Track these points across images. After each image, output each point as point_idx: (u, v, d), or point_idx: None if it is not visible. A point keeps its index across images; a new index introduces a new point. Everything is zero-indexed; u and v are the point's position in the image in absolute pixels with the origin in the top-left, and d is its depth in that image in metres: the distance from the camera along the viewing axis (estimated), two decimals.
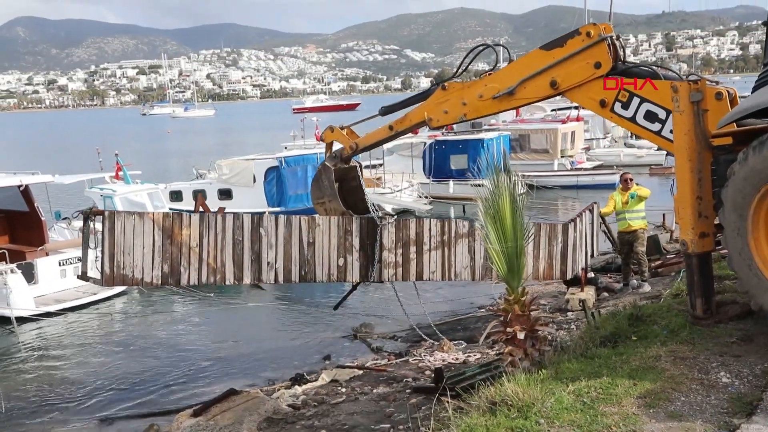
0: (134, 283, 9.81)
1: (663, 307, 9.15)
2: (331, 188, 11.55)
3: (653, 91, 8.45)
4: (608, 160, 37.76)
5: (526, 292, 7.63)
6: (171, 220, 9.73)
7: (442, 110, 10.43)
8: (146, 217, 9.62)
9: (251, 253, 10.07)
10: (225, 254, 9.93)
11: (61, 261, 18.54)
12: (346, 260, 10.71)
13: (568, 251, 12.97)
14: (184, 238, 9.69)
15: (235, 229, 9.98)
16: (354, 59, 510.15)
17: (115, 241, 9.51)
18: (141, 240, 9.52)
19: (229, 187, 25.89)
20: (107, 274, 9.57)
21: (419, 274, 11.30)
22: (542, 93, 9.50)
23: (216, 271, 9.90)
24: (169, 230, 9.63)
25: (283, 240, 10.27)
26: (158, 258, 9.60)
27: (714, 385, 6.15)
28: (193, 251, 9.75)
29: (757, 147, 6.85)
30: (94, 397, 12.38)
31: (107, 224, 9.48)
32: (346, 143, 11.82)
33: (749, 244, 7.07)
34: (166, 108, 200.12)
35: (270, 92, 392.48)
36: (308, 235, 10.47)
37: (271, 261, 10.18)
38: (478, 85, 10.04)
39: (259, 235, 10.10)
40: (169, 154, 68.04)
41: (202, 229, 9.81)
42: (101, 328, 16.60)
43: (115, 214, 9.70)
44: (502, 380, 6.49)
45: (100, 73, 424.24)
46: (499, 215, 7.30)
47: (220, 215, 10.10)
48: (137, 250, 9.52)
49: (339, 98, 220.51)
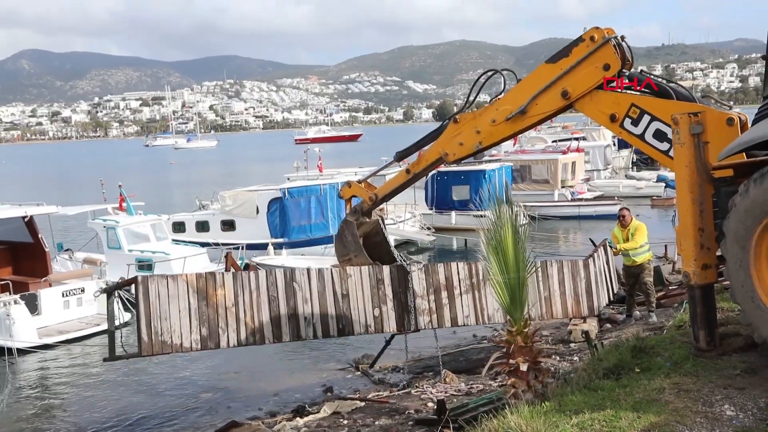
0: (174, 350, 9.43)
1: (666, 339, 9.12)
2: (355, 243, 11.47)
3: (664, 110, 8.48)
4: (608, 191, 37.87)
5: (528, 324, 7.64)
6: (204, 281, 9.41)
7: (456, 143, 10.45)
8: (179, 279, 9.33)
9: (287, 309, 9.80)
10: (262, 313, 9.65)
11: (65, 292, 18.56)
12: (381, 310, 10.57)
13: (592, 287, 13.00)
14: (220, 299, 9.40)
15: (269, 286, 9.71)
16: (356, 90, 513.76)
17: (150, 306, 9.13)
18: (176, 303, 9.20)
19: (232, 218, 25.98)
20: (146, 342, 9.14)
21: (453, 319, 11.22)
22: (554, 105, 9.49)
23: (255, 331, 9.61)
24: (204, 291, 9.35)
25: (317, 293, 10.04)
26: (195, 321, 9.29)
27: (718, 418, 6.12)
28: (230, 312, 9.47)
29: (758, 179, 6.89)
30: (93, 429, 12.31)
31: (141, 289, 9.11)
32: (365, 195, 11.80)
33: (751, 276, 7.08)
34: (169, 139, 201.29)
35: (272, 123, 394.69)
36: (341, 287, 10.27)
37: (308, 316, 9.93)
38: (489, 111, 10.07)
39: (293, 290, 9.86)
40: (172, 185, 68.29)
41: (237, 288, 9.53)
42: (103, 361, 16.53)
43: (148, 279, 9.31)
44: (505, 412, 6.47)
45: (103, 104, 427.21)
46: (502, 246, 7.32)
47: (253, 272, 9.82)
48: (173, 314, 9.19)
49: (341, 129, 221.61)
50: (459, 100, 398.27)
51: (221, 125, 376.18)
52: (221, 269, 20.44)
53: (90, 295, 18.89)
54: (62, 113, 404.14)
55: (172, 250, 21.63)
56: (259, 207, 25.48)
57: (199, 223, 26.60)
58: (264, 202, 25.42)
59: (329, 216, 24.96)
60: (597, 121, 9.61)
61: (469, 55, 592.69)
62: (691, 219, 7.70)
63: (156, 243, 21.99)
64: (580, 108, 9.51)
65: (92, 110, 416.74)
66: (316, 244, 24.83)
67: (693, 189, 7.67)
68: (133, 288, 9.43)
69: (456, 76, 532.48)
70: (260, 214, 25.38)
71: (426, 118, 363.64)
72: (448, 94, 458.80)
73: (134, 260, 20.97)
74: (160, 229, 22.60)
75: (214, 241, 23.99)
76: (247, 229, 25.20)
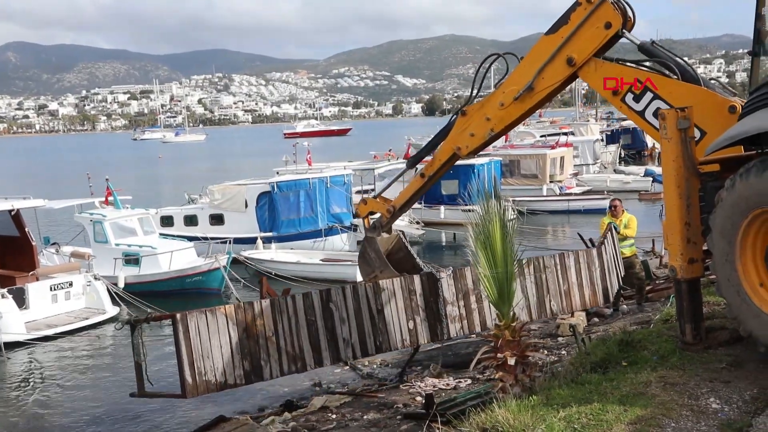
0: (218, 388, 8.98)
1: (653, 333, 9.17)
2: (379, 259, 11.27)
3: (668, 90, 8.41)
4: (596, 186, 38.05)
5: (516, 318, 7.66)
6: (243, 311, 9.02)
7: (467, 135, 10.29)
8: (218, 312, 8.88)
9: (326, 332, 9.49)
10: (302, 338, 9.32)
11: (52, 286, 18.47)
12: (416, 322, 10.31)
13: (606, 275, 12.96)
14: (260, 329, 9.05)
15: (307, 309, 9.39)
16: (345, 85, 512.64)
17: (192, 344, 8.64)
18: (217, 338, 8.75)
19: (221, 212, 25.91)
20: (190, 384, 8.68)
21: (483, 323, 11.02)
22: (561, 75, 9.37)
23: (296, 358, 9.27)
24: (243, 322, 8.95)
25: (353, 312, 9.75)
26: (238, 355, 8.88)
27: (704, 411, 6.17)
28: (270, 341, 9.11)
29: (743, 174, 6.94)
30: (82, 423, 12.28)
31: (180, 328, 8.62)
32: (382, 209, 11.64)
33: (737, 270, 7.13)
34: (157, 133, 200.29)
35: (261, 117, 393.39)
36: (375, 301, 9.98)
37: (346, 337, 9.63)
38: (496, 96, 9.92)
39: (330, 312, 9.56)
40: (160, 179, 68.01)
41: (275, 315, 9.19)
42: (92, 354, 16.48)
43: (187, 316, 8.71)
44: (493, 406, 6.49)
45: (91, 98, 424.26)
46: (490, 241, 7.33)
47: (290, 297, 9.50)
48: (215, 350, 8.74)
49: (330, 123, 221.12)
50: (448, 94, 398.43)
51: (210, 119, 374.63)
52: (209, 263, 20.38)
53: (78, 288, 18.81)
54: (49, 106, 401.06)
55: (159, 245, 21.56)
56: (247, 201, 25.43)
57: (187, 217, 26.53)
58: (253, 196, 25.37)
59: (318, 210, 24.93)
60: (598, 92, 9.41)
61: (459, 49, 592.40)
62: (678, 213, 7.74)
63: (143, 237, 21.91)
64: (584, 77, 9.35)
65: (79, 103, 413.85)
66: (305, 238, 24.81)
67: (680, 184, 7.71)
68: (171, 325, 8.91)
69: (445, 71, 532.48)
70: (249, 208, 25.33)
71: (415, 112, 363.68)
72: (437, 89, 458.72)
73: (121, 254, 20.88)
74: (147, 223, 22.52)
75: (202, 235, 23.92)
76: (236, 223, 25.15)
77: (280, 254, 23.79)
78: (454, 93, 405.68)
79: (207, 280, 20.55)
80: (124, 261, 20.80)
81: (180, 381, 8.79)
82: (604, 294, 12.91)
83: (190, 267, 20.78)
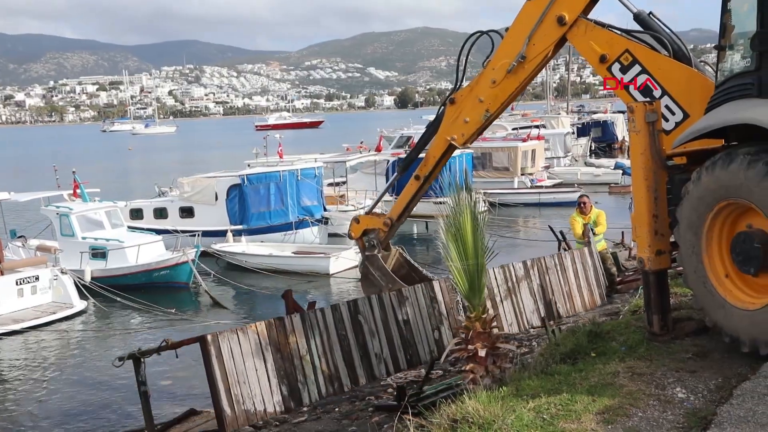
0: (258, 418, 8.11)
1: (621, 324, 9.27)
2: (385, 276, 10.63)
3: (657, 66, 8.27)
4: (567, 178, 38.36)
5: (487, 310, 7.69)
6: (275, 329, 8.20)
7: (461, 122, 9.87)
8: (249, 331, 7.99)
9: (357, 347, 8.85)
10: (335, 355, 8.61)
11: (18, 280, 18.17)
12: (440, 331, 9.82)
13: (598, 273, 12.88)
14: (293, 347, 8.27)
15: (337, 323, 8.72)
16: (317, 77, 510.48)
17: (226, 369, 7.70)
18: (252, 361, 7.88)
19: (191, 204, 25.69)
20: (229, 416, 7.70)
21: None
22: (552, 38, 9.09)
23: (332, 378, 8.54)
24: (276, 340, 8.14)
25: (381, 323, 9.19)
26: (274, 379, 8.04)
27: (670, 400, 6.25)
28: (305, 361, 8.32)
29: (709, 167, 7.02)
30: (50, 419, 12.12)
31: (212, 351, 7.67)
32: (378, 224, 10.98)
33: (703, 261, 7.23)
34: (127, 124, 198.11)
35: (233, 109, 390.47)
36: (401, 311, 9.44)
37: (378, 352, 9.04)
38: (485, 74, 9.54)
39: (359, 324, 8.96)
40: (130, 172, 67.26)
41: (307, 330, 8.42)
42: (59, 349, 16.26)
43: (218, 337, 7.74)
44: (464, 397, 6.52)
45: (58, 88, 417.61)
46: (461, 233, 7.35)
47: (318, 311, 8.84)
48: (251, 374, 7.85)
49: (302, 116, 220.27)
50: (421, 87, 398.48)
51: (181, 111, 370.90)
52: (177, 256, 20.17)
53: (44, 282, 18.54)
54: (15, 97, 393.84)
55: (126, 238, 21.32)
56: (218, 194, 25.24)
57: (157, 209, 26.26)
58: (223, 189, 25.18)
59: (289, 203, 24.82)
60: (585, 57, 9.08)
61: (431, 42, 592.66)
62: (646, 206, 7.81)
63: (110, 230, 21.64)
64: (573, 39, 9.09)
65: (47, 94, 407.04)
66: (276, 231, 24.69)
67: (648, 176, 7.78)
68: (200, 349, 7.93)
69: (418, 63, 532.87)
70: (219, 200, 25.14)
71: (388, 105, 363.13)
72: (410, 81, 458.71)
73: (88, 248, 20.61)
74: (115, 216, 22.24)
75: (172, 228, 23.69)
76: (206, 216, 24.95)
77: (252, 247, 23.66)
78: (426, 86, 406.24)
79: (175, 274, 20.37)
80: (90, 255, 20.53)
81: (216, 413, 7.84)
82: (599, 293, 12.89)
83: (157, 261, 20.58)
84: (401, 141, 40.57)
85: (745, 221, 6.94)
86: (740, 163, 6.66)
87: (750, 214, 6.83)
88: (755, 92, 7.04)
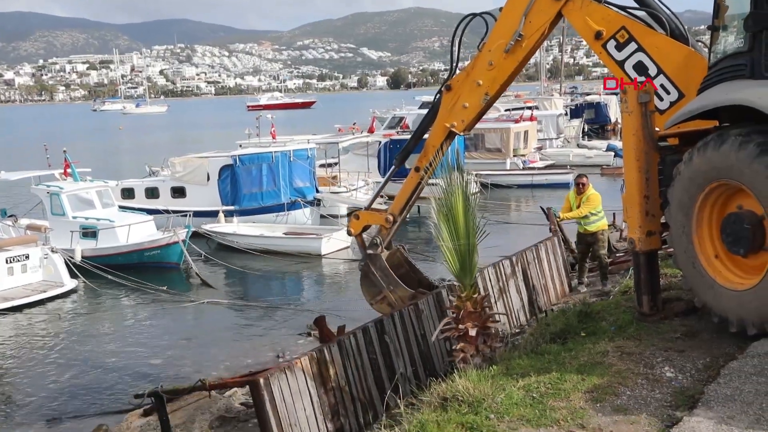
0: None
1: (611, 304, 9.33)
2: (387, 276, 10.29)
3: (653, 44, 8.20)
4: (559, 160, 38.37)
5: (477, 290, 7.72)
6: (317, 363, 7.84)
7: (460, 108, 9.70)
8: (296, 369, 7.59)
9: (386, 369, 8.58)
10: (368, 381, 8.34)
11: (8, 259, 18.11)
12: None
13: (566, 261, 12.86)
14: (333, 378, 7.93)
15: (368, 345, 8.43)
16: (310, 57, 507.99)
17: (279, 414, 7.25)
18: (300, 400, 7.53)
19: (182, 185, 25.58)
20: None
21: None
22: (549, 13, 8.93)
23: (367, 406, 8.22)
24: (319, 375, 7.81)
25: (404, 341, 8.94)
26: (321, 416, 7.70)
27: (659, 379, 6.30)
28: (345, 392, 8.00)
29: (701, 148, 7.03)
30: (41, 397, 12.13)
31: (266, 396, 7.17)
32: (380, 220, 10.58)
33: (693, 242, 7.26)
34: (118, 104, 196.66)
35: (225, 89, 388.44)
36: (419, 327, 9.18)
37: (403, 371, 8.80)
38: (482, 57, 9.39)
39: (386, 345, 8.68)
40: (121, 151, 66.90)
41: (344, 359, 8.09)
42: (50, 327, 16.25)
43: (269, 379, 7.26)
44: (454, 376, 6.56)
45: (48, 67, 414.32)
46: (452, 213, 7.36)
47: (351, 335, 8.50)
48: (301, 415, 7.46)
49: (294, 96, 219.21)
50: (414, 68, 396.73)
51: (172, 90, 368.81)
52: (168, 236, 20.12)
53: (35, 261, 18.48)
54: (4, 76, 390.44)
55: (117, 218, 21.25)
56: (209, 174, 25.13)
57: (148, 189, 26.14)
58: (215, 169, 25.06)
59: (281, 184, 24.74)
60: (580, 34, 8.89)
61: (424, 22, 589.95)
62: (637, 187, 7.84)
63: (101, 210, 21.55)
64: (569, 15, 8.93)
65: (37, 73, 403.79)
66: (267, 212, 24.63)
67: (639, 157, 7.79)
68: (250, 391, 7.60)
69: (411, 44, 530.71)
70: (211, 181, 25.04)
71: (380, 85, 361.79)
72: (402, 62, 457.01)
73: (78, 227, 20.54)
74: (106, 196, 22.13)
75: (164, 208, 23.61)
76: (198, 197, 24.86)
77: (242, 227, 23.63)
78: (419, 66, 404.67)
79: (165, 254, 20.32)
80: (81, 234, 20.45)
81: None
82: (568, 282, 13.02)
83: (148, 241, 20.53)
84: (393, 122, 40.46)
85: (735, 202, 6.96)
86: (732, 144, 6.67)
87: (740, 195, 6.85)
88: (748, 73, 7.04)
